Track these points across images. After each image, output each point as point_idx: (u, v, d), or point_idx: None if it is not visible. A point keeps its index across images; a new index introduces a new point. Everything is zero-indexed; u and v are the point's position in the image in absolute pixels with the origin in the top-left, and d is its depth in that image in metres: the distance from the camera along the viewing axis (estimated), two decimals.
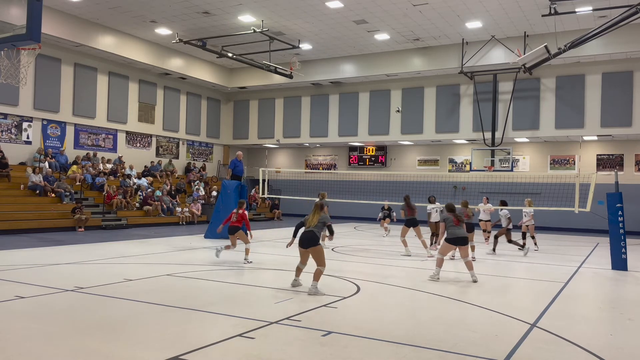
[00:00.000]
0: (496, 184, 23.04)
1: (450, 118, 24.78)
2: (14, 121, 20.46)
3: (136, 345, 5.47)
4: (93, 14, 20.33)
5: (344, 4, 18.54)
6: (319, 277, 8.29)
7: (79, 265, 10.58)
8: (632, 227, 19.53)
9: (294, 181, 27.90)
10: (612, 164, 23.53)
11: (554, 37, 19.18)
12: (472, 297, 8.48)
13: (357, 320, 6.82)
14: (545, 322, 6.85)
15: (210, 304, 7.40)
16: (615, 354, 5.69)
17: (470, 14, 19.29)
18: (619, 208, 12.02)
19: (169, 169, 26.63)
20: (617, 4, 15.97)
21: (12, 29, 7.08)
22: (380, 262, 12.32)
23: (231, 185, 17.01)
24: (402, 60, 24.18)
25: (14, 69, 9.83)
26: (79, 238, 15.88)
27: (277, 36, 21.26)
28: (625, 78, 21.50)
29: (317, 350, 5.43)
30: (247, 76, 27.97)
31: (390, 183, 26.04)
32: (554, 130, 22.81)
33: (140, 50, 23.38)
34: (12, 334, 5.78)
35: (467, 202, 13.12)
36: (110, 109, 24.04)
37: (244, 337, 5.78)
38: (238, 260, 11.85)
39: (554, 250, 16.08)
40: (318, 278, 8.27)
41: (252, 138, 30.24)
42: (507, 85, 23.44)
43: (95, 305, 7.19)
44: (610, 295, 9.57)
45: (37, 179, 19.11)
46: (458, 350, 5.51)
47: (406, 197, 14.09)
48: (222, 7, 19.12)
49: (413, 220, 13.71)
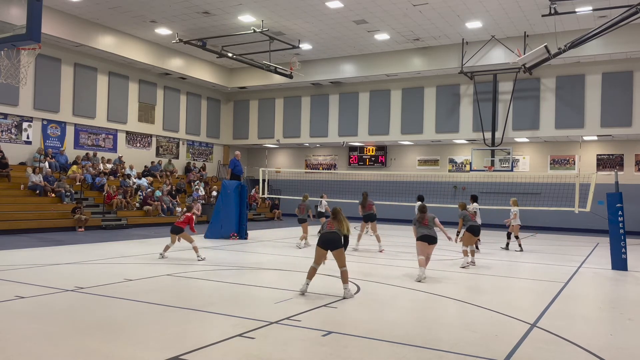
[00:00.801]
0: (496, 184, 23.05)
1: (450, 118, 24.78)
2: (14, 121, 20.46)
3: (136, 345, 5.47)
4: (93, 14, 20.33)
5: (344, 4, 18.54)
6: (347, 278, 8.27)
7: (79, 265, 10.58)
8: (632, 227, 19.52)
9: (294, 181, 27.91)
10: (612, 164, 23.53)
11: (554, 37, 19.17)
12: (472, 297, 8.48)
13: (357, 320, 6.82)
14: (545, 322, 6.85)
15: (210, 304, 7.40)
16: (615, 354, 5.68)
17: (470, 14, 19.29)
18: (619, 208, 12.02)
19: (169, 169, 26.64)
20: (617, 4, 15.97)
21: (12, 29, 7.08)
22: (380, 262, 12.32)
23: (231, 185, 17.02)
24: (402, 60, 24.18)
25: (14, 69, 9.83)
26: (79, 238, 15.88)
27: (277, 36, 21.26)
28: (625, 78, 21.50)
29: (317, 350, 5.43)
30: (247, 76, 27.97)
31: (390, 183, 26.04)
32: (554, 130, 22.81)
33: (140, 50, 23.38)
34: (12, 334, 5.78)
35: (465, 204, 13.01)
36: (110, 109, 24.04)
37: (244, 337, 5.78)
38: (237, 260, 11.84)
39: (554, 250, 16.08)
40: (347, 280, 8.25)
41: (252, 138, 30.23)
42: (507, 85, 23.44)
43: (95, 305, 7.19)
44: (610, 295, 9.57)
45: (37, 179, 19.11)
46: (458, 350, 5.51)
47: (364, 193, 15.34)
48: (222, 7, 19.12)
49: (369, 215, 14.93)
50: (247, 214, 17.62)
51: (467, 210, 12.63)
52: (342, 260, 8.31)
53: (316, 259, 8.36)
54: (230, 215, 16.76)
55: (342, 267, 8.29)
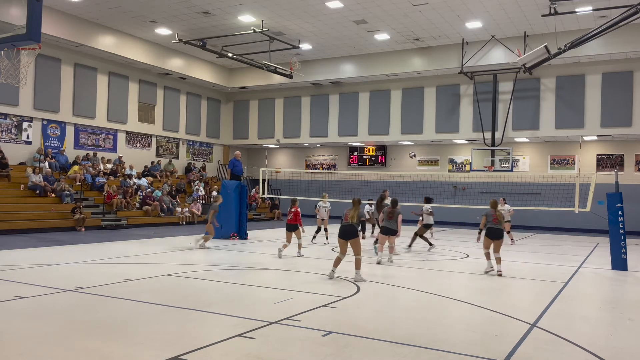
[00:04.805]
0: (496, 184, 23.04)
1: (450, 118, 24.78)
2: (14, 121, 20.46)
3: (136, 345, 5.47)
4: (93, 14, 20.33)
5: (344, 4, 18.54)
6: (360, 265, 9.47)
7: (79, 265, 10.58)
8: (632, 227, 19.51)
9: (294, 181, 27.90)
10: (612, 164, 23.53)
11: (554, 37, 19.17)
12: (472, 297, 8.48)
13: (357, 320, 6.82)
14: (545, 322, 6.85)
15: (210, 304, 7.40)
16: (615, 354, 5.68)
17: (470, 14, 19.29)
18: (619, 208, 12.02)
19: (169, 169, 26.64)
20: (617, 4, 15.96)
21: (12, 29, 7.07)
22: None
23: (231, 185, 17.02)
24: (402, 60, 24.18)
25: (14, 69, 9.83)
26: (79, 238, 15.88)
27: (277, 36, 21.26)
28: (625, 78, 21.50)
29: (317, 350, 5.43)
30: (247, 76, 27.97)
31: (390, 183, 26.04)
32: (554, 130, 22.81)
33: (140, 50, 23.38)
34: (12, 334, 5.78)
35: (496, 202, 11.41)
36: (110, 109, 24.04)
37: (244, 337, 5.78)
38: (237, 260, 11.84)
39: (554, 250, 16.08)
40: (359, 266, 9.46)
41: (252, 138, 30.23)
42: (507, 85, 23.44)
43: (95, 305, 7.19)
44: (610, 295, 9.57)
45: (37, 179, 19.11)
46: (458, 350, 5.51)
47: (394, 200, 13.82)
48: (222, 7, 19.12)
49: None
50: (247, 214, 17.61)
51: (494, 210, 11.07)
52: (357, 249, 9.48)
53: (340, 250, 9.62)
54: (230, 215, 16.76)
55: (357, 255, 9.47)
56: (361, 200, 10.15)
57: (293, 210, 12.79)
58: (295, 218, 12.68)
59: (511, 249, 15.72)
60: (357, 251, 9.48)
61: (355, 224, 9.57)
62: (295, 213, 12.75)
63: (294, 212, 12.76)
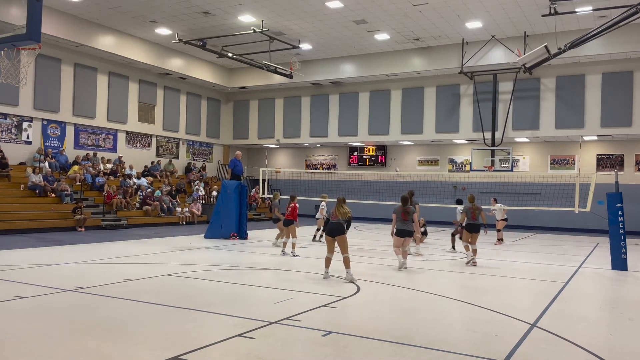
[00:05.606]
0: (496, 184, 23.05)
1: (450, 118, 24.78)
2: (14, 121, 20.46)
3: (136, 345, 5.47)
4: (93, 14, 20.33)
5: (344, 4, 18.54)
6: (349, 263, 9.39)
7: (79, 265, 10.58)
8: (632, 227, 19.51)
9: (294, 181, 27.89)
10: (612, 164, 23.53)
11: (554, 37, 19.17)
12: (472, 297, 8.48)
13: (357, 320, 6.82)
14: (545, 322, 6.85)
15: (210, 304, 7.40)
16: (615, 354, 5.68)
17: (470, 14, 19.29)
18: (619, 208, 12.02)
19: (169, 169, 26.64)
20: (617, 4, 15.96)
21: (12, 29, 7.08)
22: (380, 262, 12.32)
23: (231, 185, 17.01)
24: (402, 60, 24.18)
25: (14, 69, 9.83)
26: (79, 238, 15.88)
27: (277, 36, 21.26)
28: (625, 78, 21.50)
29: (317, 350, 5.43)
30: (247, 76, 27.97)
31: (390, 183, 26.05)
32: (554, 130, 22.81)
33: (140, 50, 23.38)
34: (12, 334, 5.78)
35: (473, 197, 12.97)
36: (110, 109, 24.04)
37: (244, 337, 5.78)
38: (237, 260, 11.84)
39: (554, 250, 16.08)
40: (349, 264, 9.38)
41: (252, 138, 30.23)
42: (507, 85, 23.43)
43: (95, 305, 7.19)
44: (610, 295, 9.57)
45: (37, 179, 19.11)
46: (458, 350, 5.51)
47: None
48: (222, 7, 19.12)
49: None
50: (247, 214, 17.61)
51: (472, 205, 12.62)
52: (343, 247, 9.44)
53: (328, 248, 9.58)
54: (230, 215, 16.76)
55: (344, 254, 9.41)
56: (345, 200, 10.15)
57: (292, 206, 13.03)
58: (293, 213, 12.92)
59: (511, 249, 15.73)
60: (344, 249, 9.48)
61: (343, 221, 9.63)
62: (293, 208, 12.98)
63: (292, 208, 12.99)
